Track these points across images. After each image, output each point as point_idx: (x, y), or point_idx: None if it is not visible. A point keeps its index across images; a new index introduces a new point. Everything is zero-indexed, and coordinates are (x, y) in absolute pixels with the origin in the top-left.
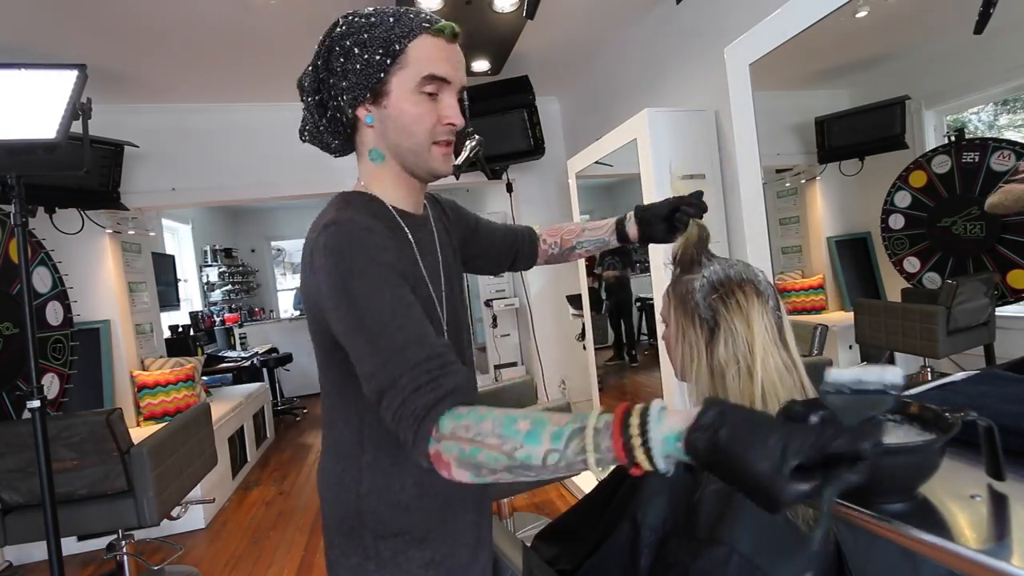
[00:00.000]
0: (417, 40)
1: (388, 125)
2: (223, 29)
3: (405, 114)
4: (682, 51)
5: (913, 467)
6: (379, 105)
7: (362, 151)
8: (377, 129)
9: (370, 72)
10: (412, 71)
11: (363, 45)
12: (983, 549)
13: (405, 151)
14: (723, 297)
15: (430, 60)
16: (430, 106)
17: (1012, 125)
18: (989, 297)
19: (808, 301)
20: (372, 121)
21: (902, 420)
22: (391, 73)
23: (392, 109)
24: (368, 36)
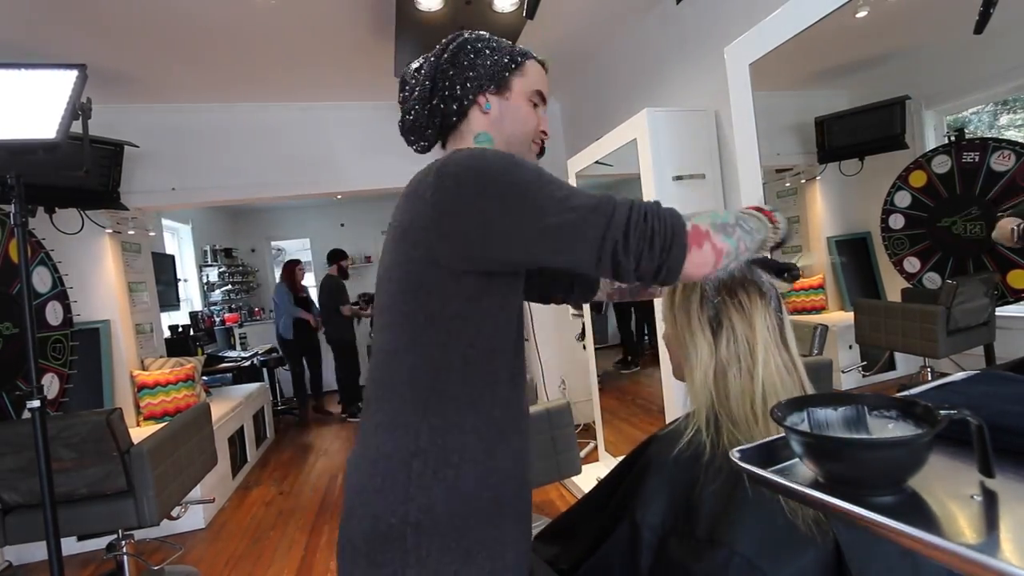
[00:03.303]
0: (530, 60)
1: (506, 114)
2: (223, 29)
3: (522, 109)
4: (682, 51)
5: (898, 461)
6: (501, 96)
7: (466, 135)
8: (493, 116)
9: (499, 68)
10: (528, 81)
11: (492, 50)
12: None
13: (516, 139)
14: (727, 297)
15: (539, 79)
16: (534, 112)
17: (1012, 125)
18: (989, 297)
19: (808, 301)
20: (490, 108)
21: (897, 416)
22: (514, 75)
23: (512, 102)
24: (496, 45)
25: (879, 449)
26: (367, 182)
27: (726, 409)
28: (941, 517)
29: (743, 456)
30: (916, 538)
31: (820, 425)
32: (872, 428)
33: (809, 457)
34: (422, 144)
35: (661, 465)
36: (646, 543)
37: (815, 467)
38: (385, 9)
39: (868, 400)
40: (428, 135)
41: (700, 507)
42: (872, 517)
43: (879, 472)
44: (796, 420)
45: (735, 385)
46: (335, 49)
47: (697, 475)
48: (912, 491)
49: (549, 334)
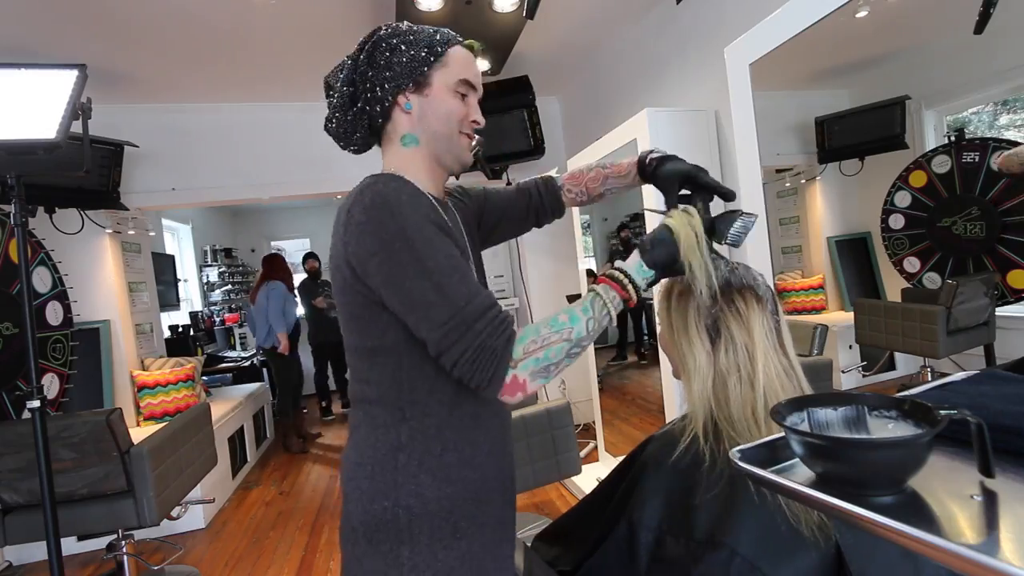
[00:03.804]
0: (453, 48)
1: (428, 112)
2: (223, 29)
3: (444, 103)
4: (682, 51)
5: (898, 460)
6: (421, 94)
7: (393, 137)
8: (415, 115)
9: (415, 65)
10: (451, 72)
11: (409, 44)
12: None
13: (441, 136)
14: (724, 306)
15: (464, 67)
16: (461, 103)
17: (1012, 125)
18: (989, 297)
19: (808, 301)
20: (411, 108)
21: (897, 416)
22: (433, 68)
23: (433, 99)
24: (413, 38)
25: (879, 449)
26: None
27: (726, 416)
28: (941, 517)
29: (743, 456)
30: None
31: (820, 425)
32: (872, 428)
33: (809, 457)
34: (353, 148)
35: (659, 468)
36: (643, 544)
37: (815, 467)
38: (385, 9)
39: (868, 400)
40: (357, 139)
41: (699, 511)
42: (872, 517)
43: (879, 472)
44: (796, 420)
45: (735, 393)
46: (335, 49)
47: (698, 481)
48: (912, 491)
49: None
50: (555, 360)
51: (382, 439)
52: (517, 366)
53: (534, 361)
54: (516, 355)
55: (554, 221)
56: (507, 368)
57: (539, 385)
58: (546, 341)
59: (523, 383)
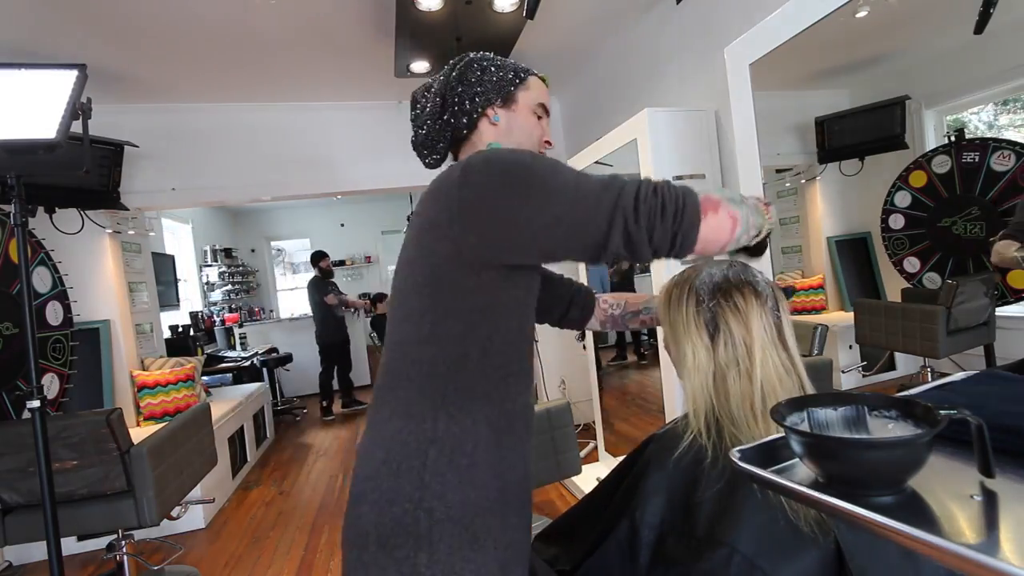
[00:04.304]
0: (532, 77)
1: (514, 125)
2: (223, 29)
3: (528, 120)
4: (682, 51)
5: (898, 461)
6: (508, 108)
7: (477, 145)
8: (502, 127)
9: (504, 84)
10: (532, 95)
11: (498, 67)
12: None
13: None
14: (722, 300)
15: (541, 93)
16: (538, 125)
17: (1012, 125)
18: (989, 297)
19: (808, 301)
20: (499, 120)
21: (897, 416)
22: (518, 89)
23: (518, 115)
24: (501, 63)
25: (879, 449)
26: (367, 182)
27: (726, 411)
28: (941, 517)
29: (743, 456)
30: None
31: (820, 425)
32: (872, 428)
33: (809, 457)
34: (434, 158)
35: (661, 466)
36: (645, 542)
37: (815, 467)
38: (385, 9)
39: (868, 400)
40: (440, 148)
41: (700, 508)
42: (872, 517)
43: (879, 472)
44: (796, 420)
45: (735, 388)
46: (335, 49)
47: (698, 478)
48: (912, 491)
49: (549, 334)
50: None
51: (414, 432)
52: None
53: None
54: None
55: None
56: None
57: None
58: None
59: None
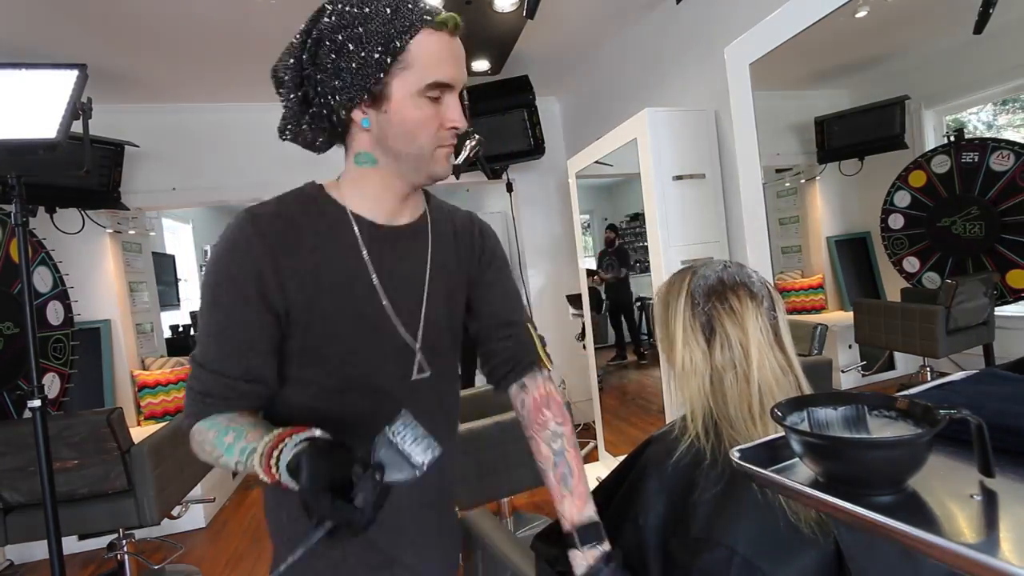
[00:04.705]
0: (419, 36)
1: (388, 131)
2: (223, 29)
3: (408, 119)
4: (682, 51)
5: (898, 460)
6: (378, 109)
7: (349, 156)
8: (374, 133)
9: (368, 72)
10: (415, 75)
11: (359, 41)
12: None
13: (406, 156)
14: (717, 303)
15: (434, 64)
16: (434, 110)
17: (1011, 125)
18: (988, 297)
19: (808, 301)
20: (369, 125)
21: (897, 416)
22: (392, 74)
23: (393, 115)
24: (364, 30)
25: (879, 449)
26: None
27: (724, 414)
28: (941, 517)
29: (743, 456)
30: (916, 538)
31: (820, 425)
32: (872, 428)
33: (809, 457)
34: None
35: (660, 469)
36: (651, 547)
37: (815, 467)
38: None
39: (868, 400)
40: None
41: (699, 509)
42: (872, 517)
43: (879, 472)
44: (796, 420)
45: (732, 390)
46: None
47: (696, 480)
48: (912, 491)
49: (549, 334)
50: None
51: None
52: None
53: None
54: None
55: None
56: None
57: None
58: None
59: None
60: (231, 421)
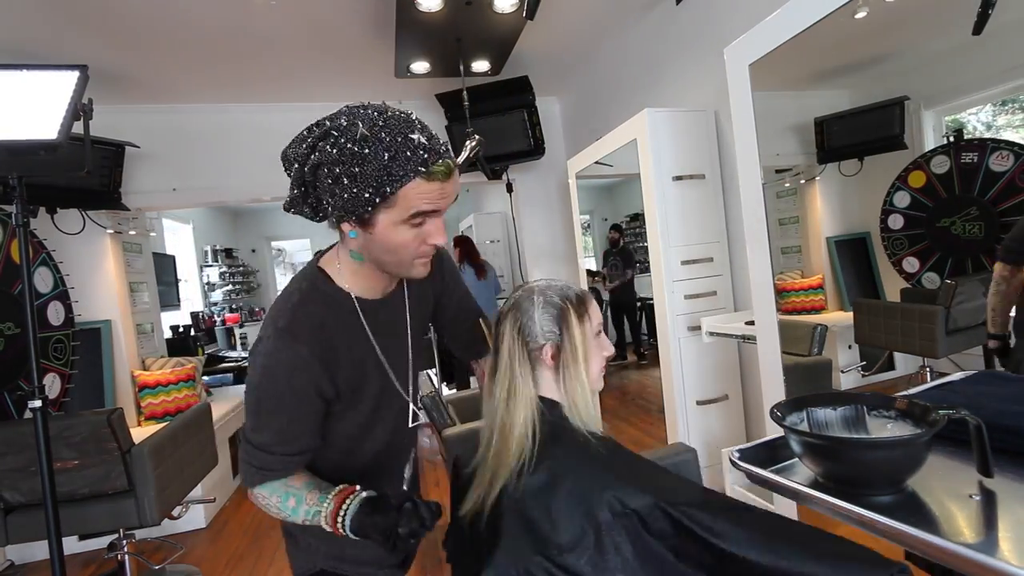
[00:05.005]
0: (409, 184)
1: (372, 245)
2: (223, 29)
3: (390, 241)
4: (682, 51)
5: (897, 460)
6: (364, 229)
7: (343, 243)
8: (360, 242)
9: (357, 204)
10: (399, 212)
11: (353, 179)
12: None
13: (388, 264)
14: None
15: (420, 198)
16: (415, 232)
17: (1010, 125)
18: None
19: (807, 301)
20: (356, 236)
21: (896, 416)
22: (378, 210)
23: (377, 236)
24: (360, 171)
25: (878, 449)
26: None
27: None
28: (940, 517)
29: (742, 456)
30: (916, 538)
31: (819, 425)
32: (871, 428)
33: (808, 457)
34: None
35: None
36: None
37: (815, 467)
38: (385, 9)
39: (867, 400)
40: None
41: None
42: (872, 517)
43: (878, 472)
44: (795, 420)
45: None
46: (335, 49)
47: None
48: (911, 491)
49: None
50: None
51: None
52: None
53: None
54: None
55: None
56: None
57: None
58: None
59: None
60: (287, 486)
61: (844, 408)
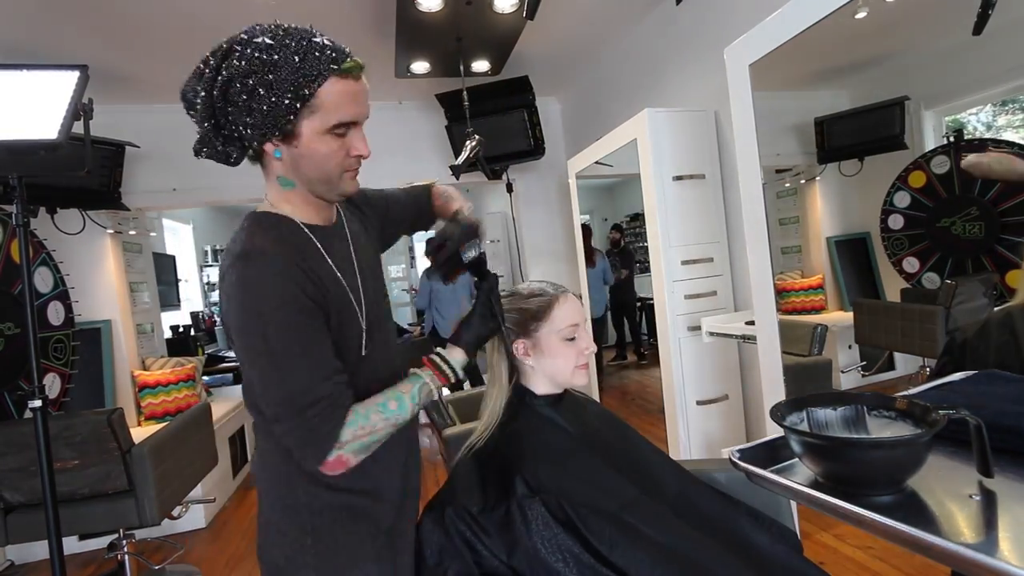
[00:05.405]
0: (326, 84)
1: (299, 161)
2: (223, 29)
3: (317, 153)
4: (682, 51)
5: (897, 460)
6: (289, 144)
7: (269, 175)
8: (286, 162)
9: (279, 114)
10: (321, 118)
11: (268, 87)
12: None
13: (316, 182)
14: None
15: (339, 107)
16: (340, 143)
17: (1010, 126)
18: (988, 297)
19: (808, 301)
20: (280, 156)
21: (896, 416)
22: (300, 116)
23: (303, 148)
24: (274, 78)
25: (879, 449)
26: (366, 182)
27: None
28: (940, 516)
29: (743, 456)
30: (916, 538)
31: (820, 425)
32: (871, 428)
33: (808, 457)
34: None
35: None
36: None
37: (815, 467)
38: (385, 9)
39: (867, 400)
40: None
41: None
42: (872, 517)
43: (879, 472)
44: (795, 420)
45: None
46: None
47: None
48: (911, 491)
49: None
50: (379, 439)
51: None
52: (344, 447)
53: (360, 444)
54: (343, 438)
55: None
56: (330, 450)
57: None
58: (374, 428)
59: (346, 461)
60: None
61: (844, 408)
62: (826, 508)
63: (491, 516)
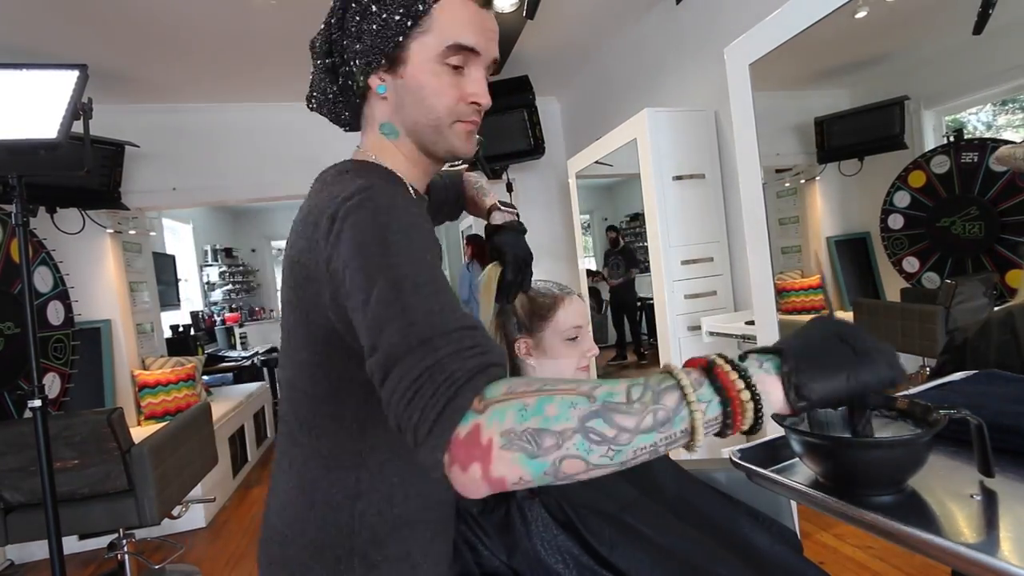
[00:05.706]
0: (444, 1)
1: (404, 98)
2: (223, 29)
3: (424, 87)
4: (682, 51)
5: (897, 461)
6: (395, 74)
7: (371, 124)
8: (391, 101)
9: (387, 35)
10: (436, 38)
11: (382, 2)
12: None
13: (423, 127)
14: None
15: (458, 26)
16: (453, 80)
17: (1010, 125)
18: (988, 297)
19: (807, 301)
20: (385, 92)
21: (896, 416)
22: (411, 37)
23: (409, 80)
24: None
25: (879, 449)
26: None
27: None
28: (941, 516)
29: (743, 455)
30: (916, 538)
31: (820, 425)
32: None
33: (809, 457)
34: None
35: None
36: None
37: (815, 467)
38: None
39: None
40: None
41: None
42: (872, 517)
43: (879, 472)
44: (796, 419)
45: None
46: None
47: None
48: (912, 491)
49: None
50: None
51: (338, 484)
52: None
53: (517, 412)
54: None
55: None
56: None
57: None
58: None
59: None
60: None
61: (844, 408)
62: (826, 508)
63: (491, 518)
